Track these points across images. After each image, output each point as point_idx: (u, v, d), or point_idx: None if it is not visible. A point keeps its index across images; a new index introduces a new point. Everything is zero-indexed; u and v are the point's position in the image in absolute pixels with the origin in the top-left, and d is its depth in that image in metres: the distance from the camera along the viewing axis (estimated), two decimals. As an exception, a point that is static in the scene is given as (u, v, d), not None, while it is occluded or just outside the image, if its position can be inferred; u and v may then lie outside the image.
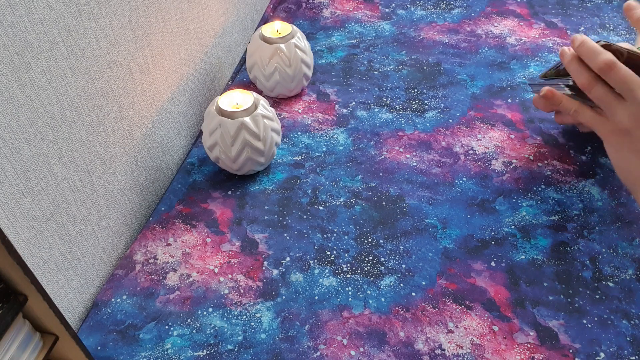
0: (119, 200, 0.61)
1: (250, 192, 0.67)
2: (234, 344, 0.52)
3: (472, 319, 0.54)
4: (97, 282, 0.59)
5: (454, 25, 0.95)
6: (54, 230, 0.50)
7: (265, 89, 0.79)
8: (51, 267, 0.51)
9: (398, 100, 0.80)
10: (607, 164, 0.69)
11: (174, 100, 0.70)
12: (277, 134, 0.67)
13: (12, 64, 0.42)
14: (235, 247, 0.61)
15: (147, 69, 0.62)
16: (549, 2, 1.00)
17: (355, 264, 0.59)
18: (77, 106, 0.51)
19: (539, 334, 0.53)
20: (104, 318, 0.55)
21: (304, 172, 0.69)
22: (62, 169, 0.50)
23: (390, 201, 0.65)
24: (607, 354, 0.51)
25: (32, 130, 0.46)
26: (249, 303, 0.56)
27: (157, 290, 0.57)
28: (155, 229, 0.63)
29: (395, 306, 0.55)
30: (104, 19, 0.53)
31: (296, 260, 0.59)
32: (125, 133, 0.60)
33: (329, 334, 0.53)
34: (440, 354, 0.51)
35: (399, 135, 0.74)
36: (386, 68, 0.86)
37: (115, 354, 0.52)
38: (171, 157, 0.72)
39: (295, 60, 0.76)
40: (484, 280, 0.57)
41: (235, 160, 0.65)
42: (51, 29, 0.46)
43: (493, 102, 0.79)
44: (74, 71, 0.50)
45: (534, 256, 0.59)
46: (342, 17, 0.97)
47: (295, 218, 0.64)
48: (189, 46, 0.72)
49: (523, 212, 0.64)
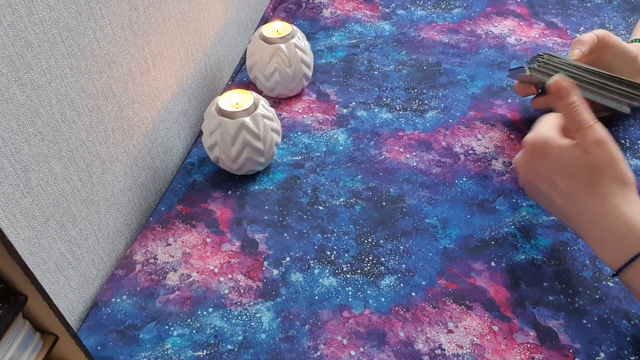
0: (119, 200, 0.61)
1: (250, 192, 0.67)
2: (234, 344, 0.52)
3: (472, 319, 0.54)
4: (97, 282, 0.59)
5: (454, 25, 0.95)
6: (54, 230, 0.50)
7: (265, 89, 0.79)
8: (51, 267, 0.51)
9: (398, 100, 0.80)
10: (607, 164, 0.69)
11: (174, 100, 0.70)
12: (277, 134, 0.67)
13: (12, 64, 0.42)
14: (235, 247, 0.61)
15: (147, 69, 0.62)
16: (549, 2, 1.00)
17: (355, 264, 0.59)
18: (77, 106, 0.51)
19: (539, 334, 0.53)
20: (104, 318, 0.55)
21: (304, 172, 0.69)
22: (62, 169, 0.50)
23: (390, 201, 0.65)
24: (607, 354, 0.51)
25: (32, 130, 0.46)
26: (249, 303, 0.56)
27: (157, 290, 0.57)
28: (155, 229, 0.63)
29: (395, 306, 0.55)
30: (104, 19, 0.53)
31: (296, 260, 0.59)
32: (125, 133, 0.60)
33: (329, 334, 0.53)
34: (440, 354, 0.51)
35: (399, 135, 0.74)
36: (386, 68, 0.86)
37: (115, 354, 0.52)
38: (171, 157, 0.72)
39: (295, 60, 0.76)
40: (484, 280, 0.57)
41: (235, 160, 0.65)
42: (51, 29, 0.46)
43: (493, 102, 0.79)
44: (74, 71, 0.50)
45: (534, 256, 0.59)
46: (342, 17, 0.97)
47: (295, 218, 0.64)
48: (189, 46, 0.72)
49: (523, 212, 0.64)
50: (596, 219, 0.50)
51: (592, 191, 0.50)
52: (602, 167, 0.50)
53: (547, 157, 0.53)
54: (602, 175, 0.50)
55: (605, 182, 0.50)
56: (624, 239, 0.48)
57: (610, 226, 0.49)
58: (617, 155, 0.50)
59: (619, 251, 0.49)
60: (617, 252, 0.49)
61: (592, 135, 0.50)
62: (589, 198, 0.51)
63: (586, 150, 0.50)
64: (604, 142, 0.50)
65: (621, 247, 0.49)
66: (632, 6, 0.98)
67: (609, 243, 0.50)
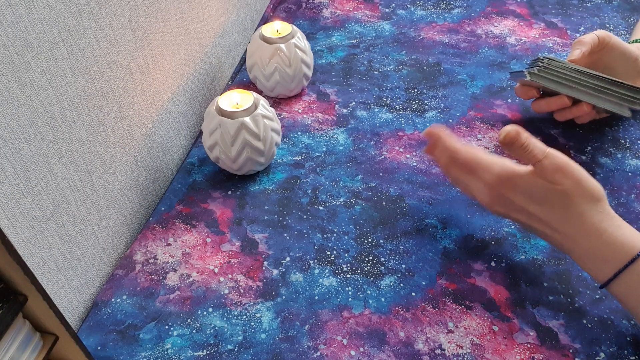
0: (119, 200, 0.61)
1: (250, 192, 0.67)
2: (234, 344, 0.52)
3: (472, 319, 0.54)
4: (97, 282, 0.59)
5: (454, 25, 0.95)
6: (54, 230, 0.50)
7: (265, 89, 0.79)
8: (51, 267, 0.51)
9: (398, 100, 0.80)
10: (607, 164, 0.69)
11: (174, 100, 0.70)
12: (277, 134, 0.67)
13: (12, 64, 0.42)
14: (235, 247, 0.61)
15: (147, 69, 0.62)
16: (549, 2, 1.00)
17: (355, 264, 0.59)
18: (77, 106, 0.51)
19: (539, 334, 0.53)
20: (104, 318, 0.55)
21: (304, 172, 0.69)
22: (62, 169, 0.50)
23: (390, 201, 0.65)
24: (607, 354, 0.51)
25: (32, 130, 0.46)
26: (249, 303, 0.56)
27: (157, 290, 0.57)
28: (155, 229, 0.63)
29: (395, 306, 0.55)
30: (104, 19, 0.53)
31: (296, 260, 0.59)
32: (125, 133, 0.60)
33: (329, 334, 0.53)
34: (440, 354, 0.51)
35: (399, 135, 0.74)
36: (386, 68, 0.86)
37: (115, 354, 0.52)
38: (171, 157, 0.72)
39: (295, 60, 0.75)
40: (484, 280, 0.57)
41: (235, 160, 0.65)
42: (51, 29, 0.46)
43: (493, 102, 0.79)
44: (74, 71, 0.50)
45: (534, 256, 0.59)
46: (342, 17, 0.97)
47: (295, 218, 0.64)
48: (189, 46, 0.72)
49: (523, 212, 0.64)
50: (577, 239, 0.51)
51: (568, 216, 0.50)
52: (570, 191, 0.50)
53: (515, 190, 0.53)
54: (574, 198, 0.50)
55: (578, 204, 0.50)
56: (606, 256, 0.49)
57: (590, 246, 0.50)
58: (581, 174, 0.50)
59: (603, 268, 0.49)
60: (601, 269, 0.50)
61: (550, 164, 0.50)
62: (567, 222, 0.51)
63: (550, 181, 0.50)
64: (564, 167, 0.50)
65: (604, 264, 0.49)
66: (632, 6, 0.98)
67: (593, 260, 0.50)
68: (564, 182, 0.50)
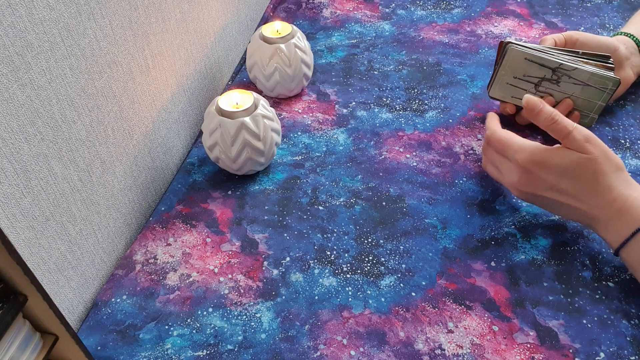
0: (119, 200, 0.61)
1: (250, 192, 0.67)
2: (234, 344, 0.52)
3: (472, 319, 0.54)
4: (97, 282, 0.59)
5: (454, 25, 0.95)
6: (54, 230, 0.50)
7: (265, 89, 0.79)
8: (51, 267, 0.51)
9: (398, 100, 0.80)
10: (607, 164, 0.69)
11: (174, 100, 0.70)
12: (277, 134, 0.67)
13: (12, 64, 0.42)
14: (235, 247, 0.61)
15: (147, 69, 0.62)
16: (549, 2, 1.00)
17: (355, 264, 0.59)
18: (77, 106, 0.51)
19: (539, 334, 0.53)
20: (104, 318, 0.55)
21: (304, 172, 0.69)
22: (62, 169, 0.50)
23: (390, 201, 0.65)
24: (607, 354, 0.51)
25: (32, 130, 0.46)
26: (249, 303, 0.56)
27: (157, 290, 0.57)
28: (155, 229, 0.63)
29: (395, 306, 0.55)
30: (104, 19, 0.53)
31: (296, 260, 0.59)
32: (125, 133, 0.60)
33: (329, 334, 0.53)
34: (440, 354, 0.51)
35: (399, 135, 0.74)
36: (386, 68, 0.86)
37: (115, 354, 0.52)
38: (171, 157, 0.72)
39: (295, 60, 0.76)
40: (484, 280, 0.57)
41: (235, 160, 0.65)
42: (51, 29, 0.46)
43: (493, 102, 0.79)
44: (74, 71, 0.50)
45: (534, 256, 0.59)
46: (342, 17, 0.97)
47: (295, 218, 0.64)
48: (189, 46, 0.72)
49: (523, 212, 0.64)
50: (604, 207, 0.54)
51: (598, 186, 0.54)
52: (599, 159, 0.54)
53: (548, 168, 0.56)
54: (603, 167, 0.54)
55: (607, 173, 0.54)
56: (627, 219, 0.53)
57: (614, 212, 0.54)
58: (606, 146, 0.55)
59: (622, 230, 0.53)
60: (620, 233, 0.53)
61: (580, 135, 0.54)
62: (596, 193, 0.54)
63: (582, 151, 0.54)
64: (593, 138, 0.54)
65: (625, 226, 0.53)
66: (632, 6, 0.98)
67: (615, 225, 0.54)
68: (594, 151, 0.54)
